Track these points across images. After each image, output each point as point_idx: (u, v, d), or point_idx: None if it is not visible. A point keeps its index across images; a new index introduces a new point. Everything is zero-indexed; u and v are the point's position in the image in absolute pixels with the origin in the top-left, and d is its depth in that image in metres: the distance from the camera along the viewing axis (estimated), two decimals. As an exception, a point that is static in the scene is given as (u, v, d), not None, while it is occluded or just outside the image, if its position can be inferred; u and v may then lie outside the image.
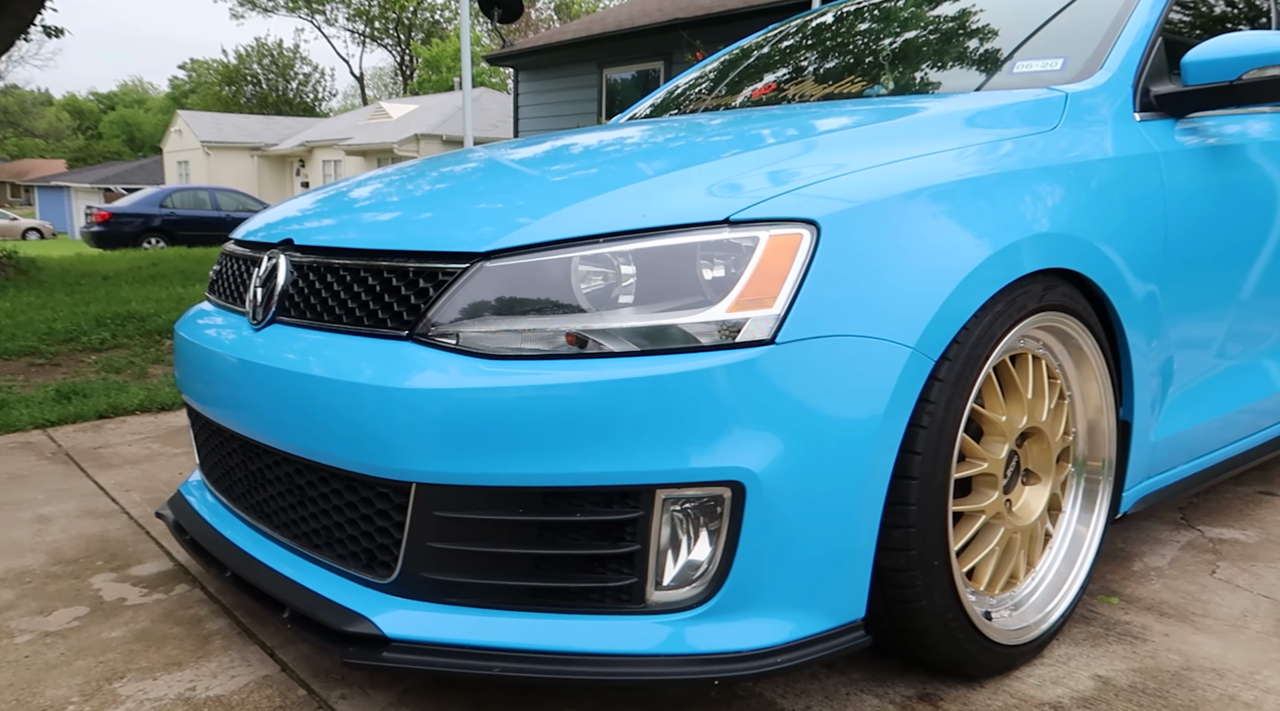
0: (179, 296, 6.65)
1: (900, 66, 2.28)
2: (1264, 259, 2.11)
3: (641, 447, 1.26)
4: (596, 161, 1.73)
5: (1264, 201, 2.08)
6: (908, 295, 1.36)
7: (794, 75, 2.58)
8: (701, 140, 1.77)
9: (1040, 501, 1.66)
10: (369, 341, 1.43)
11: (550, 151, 1.97)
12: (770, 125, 1.76)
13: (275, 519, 1.65)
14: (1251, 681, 1.56)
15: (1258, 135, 2.10)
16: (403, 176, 1.96)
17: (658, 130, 2.01)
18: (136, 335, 5.41)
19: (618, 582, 1.31)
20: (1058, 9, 2.18)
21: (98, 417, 3.74)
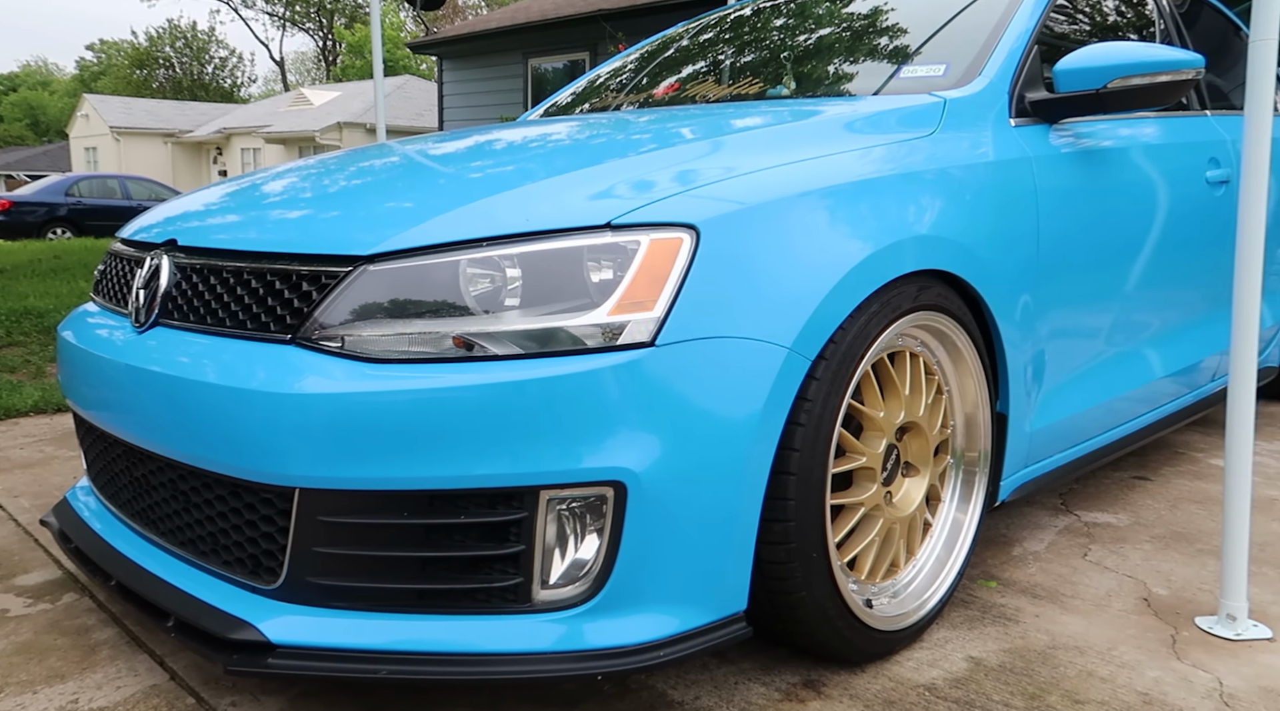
0: (81, 291, 6.41)
1: (797, 69, 2.33)
2: (1135, 255, 2.22)
3: (525, 450, 1.28)
4: (490, 162, 1.74)
5: (1131, 201, 2.19)
6: (785, 297, 1.40)
7: (698, 74, 2.61)
8: (594, 142, 1.79)
9: (919, 492, 1.73)
10: (251, 345, 1.42)
11: (449, 151, 1.97)
12: (661, 128, 1.79)
13: (161, 525, 1.62)
14: (1109, 656, 1.66)
15: (1125, 139, 2.21)
16: (296, 174, 1.94)
17: (555, 131, 2.03)
18: (34, 332, 5.21)
19: (504, 583, 1.33)
20: (944, 17, 2.25)
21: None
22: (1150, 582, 1.96)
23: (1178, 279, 2.43)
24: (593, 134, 1.90)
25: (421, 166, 1.82)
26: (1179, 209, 2.38)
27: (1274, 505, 2.43)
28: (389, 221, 1.43)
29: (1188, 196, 2.42)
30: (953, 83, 1.97)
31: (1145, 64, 1.91)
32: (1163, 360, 2.45)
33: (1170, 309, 2.43)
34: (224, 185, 2.08)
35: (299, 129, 22.59)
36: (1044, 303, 1.93)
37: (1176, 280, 2.42)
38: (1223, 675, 1.60)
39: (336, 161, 2.02)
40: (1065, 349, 2.04)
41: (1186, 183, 2.42)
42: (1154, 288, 2.33)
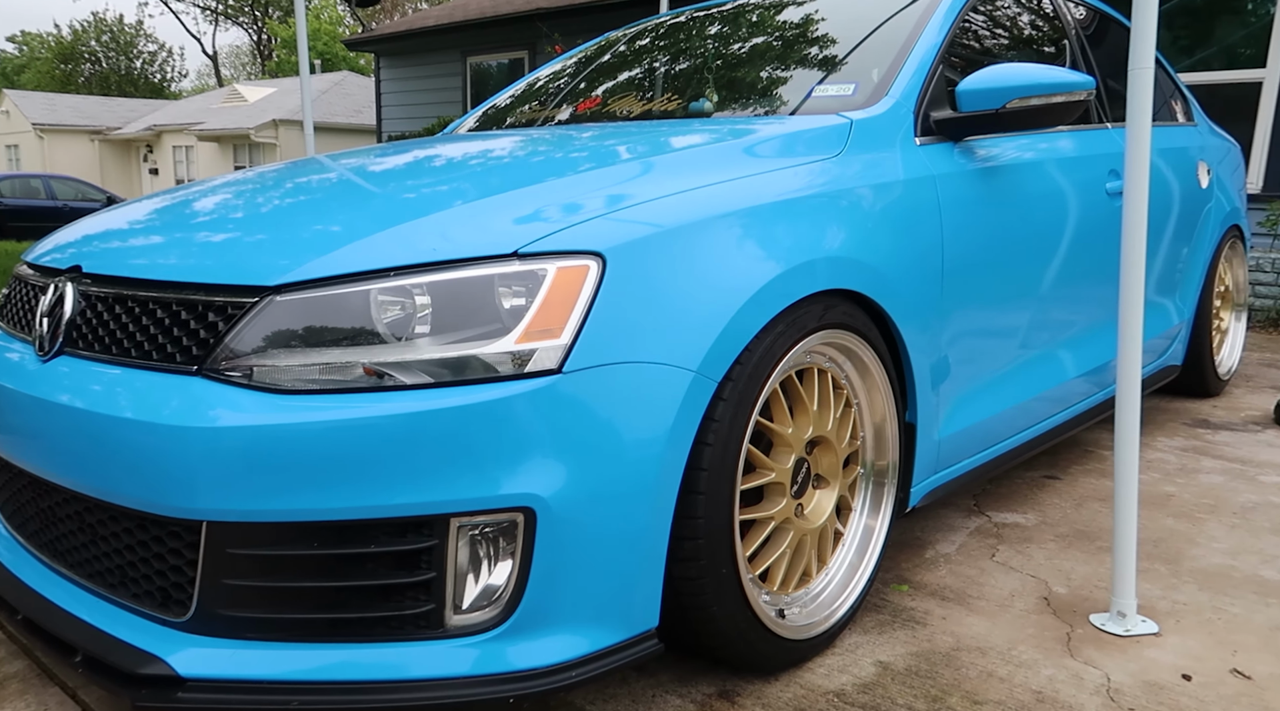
0: (0, 300, 6.20)
1: (716, 85, 2.37)
2: (1038, 267, 2.31)
3: (434, 479, 1.30)
4: (403, 186, 1.74)
5: (1033, 214, 2.28)
6: (691, 321, 1.44)
7: (621, 88, 2.64)
8: (508, 167, 1.80)
9: (829, 503, 1.79)
10: (157, 376, 1.41)
11: (363, 171, 1.97)
12: (573, 151, 1.82)
13: (69, 557, 1.60)
14: (1008, 656, 1.74)
15: (1027, 153, 2.30)
16: (203, 196, 1.92)
17: (473, 150, 2.04)
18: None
19: (416, 609, 1.34)
20: (857, 35, 2.32)
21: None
22: (1051, 581, 2.05)
23: (1081, 286, 2.53)
24: (508, 157, 1.92)
25: (332, 189, 1.82)
26: (1080, 220, 2.49)
27: (1170, 501, 2.55)
28: (296, 250, 1.43)
29: (1088, 207, 2.53)
30: (861, 102, 2.03)
31: (1040, 85, 1.99)
32: (1070, 363, 2.55)
33: (1075, 314, 2.53)
34: (133, 206, 2.05)
35: (233, 126, 22.08)
36: (949, 316, 2.00)
37: (1080, 287, 2.53)
38: (1111, 671, 1.68)
39: (249, 182, 2.00)
40: (972, 359, 2.11)
41: (1087, 194, 2.52)
42: (1058, 296, 2.42)
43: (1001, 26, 2.61)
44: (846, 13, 2.48)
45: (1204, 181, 3.36)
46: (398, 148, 2.35)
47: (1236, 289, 3.86)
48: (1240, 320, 3.91)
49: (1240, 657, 1.73)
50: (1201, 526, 2.37)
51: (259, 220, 1.65)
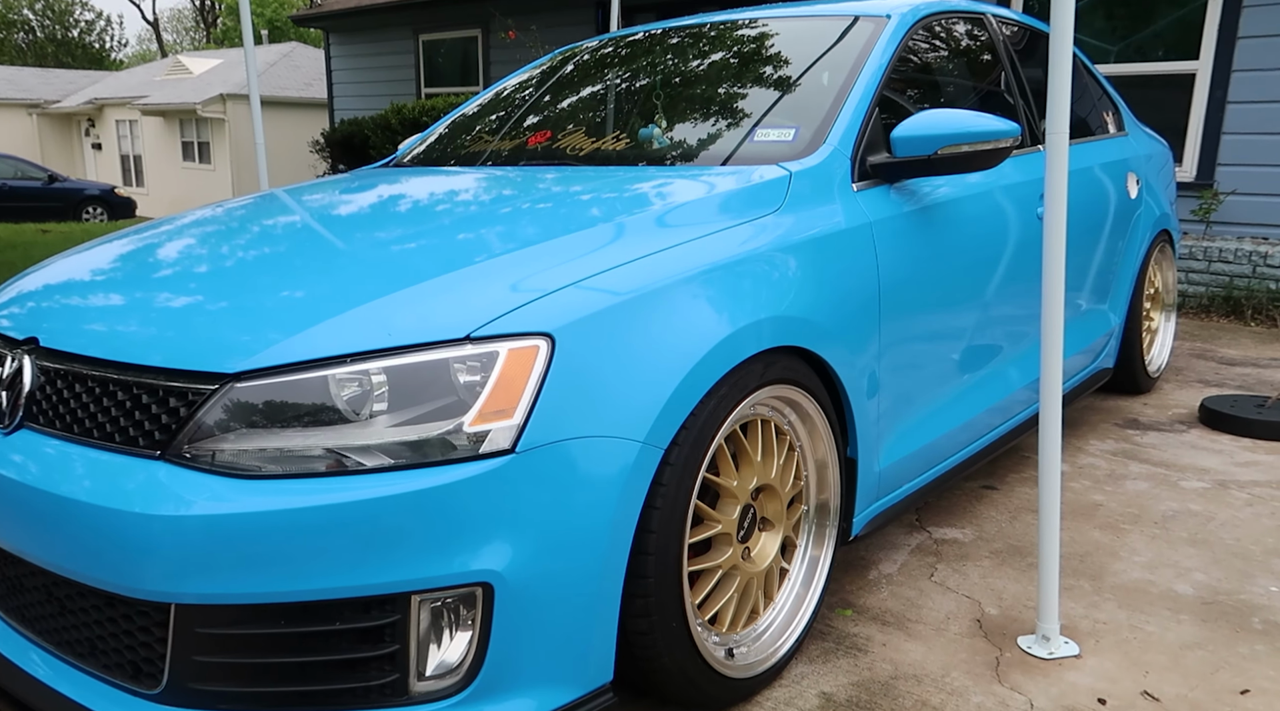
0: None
1: (662, 121, 2.43)
2: (973, 297, 2.42)
3: (395, 559, 1.36)
4: (358, 250, 1.77)
5: (967, 248, 2.38)
6: (636, 392, 1.52)
7: (568, 119, 2.69)
8: (455, 228, 1.83)
9: (775, 545, 1.88)
10: (121, 459, 1.46)
11: (318, 229, 1.99)
12: (520, 216, 1.86)
13: (37, 625, 1.65)
14: (942, 684, 1.86)
15: (961, 189, 2.40)
16: (155, 250, 1.95)
17: (420, 202, 2.08)
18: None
19: (381, 680, 1.42)
20: (799, 70, 2.38)
21: None
22: (984, 602, 2.18)
23: (1016, 308, 2.65)
24: (457, 217, 1.94)
25: (288, 251, 1.85)
26: (1015, 245, 2.59)
27: (1097, 512, 2.69)
28: (254, 334, 1.47)
29: (1021, 232, 2.63)
30: (801, 148, 2.10)
31: (969, 134, 2.08)
32: (1009, 378, 2.67)
33: (1010, 336, 2.65)
34: (89, 257, 2.06)
35: (178, 101, 21.48)
36: (887, 354, 2.10)
37: (1015, 310, 2.64)
38: (1034, 696, 1.82)
39: (202, 235, 2.02)
40: (910, 390, 2.22)
41: (1019, 220, 2.63)
42: (994, 319, 2.54)
43: (937, 55, 2.70)
44: (790, 44, 2.54)
45: (1133, 192, 3.50)
46: (354, 188, 2.38)
47: (1166, 290, 4.02)
48: (1170, 320, 4.08)
49: (1151, 679, 1.87)
50: (1124, 538, 2.51)
51: (209, 292, 1.66)
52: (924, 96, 2.55)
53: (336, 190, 2.40)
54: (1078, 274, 3.09)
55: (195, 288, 1.69)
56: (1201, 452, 3.18)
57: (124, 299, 1.72)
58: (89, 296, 1.78)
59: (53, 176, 19.07)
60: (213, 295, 1.63)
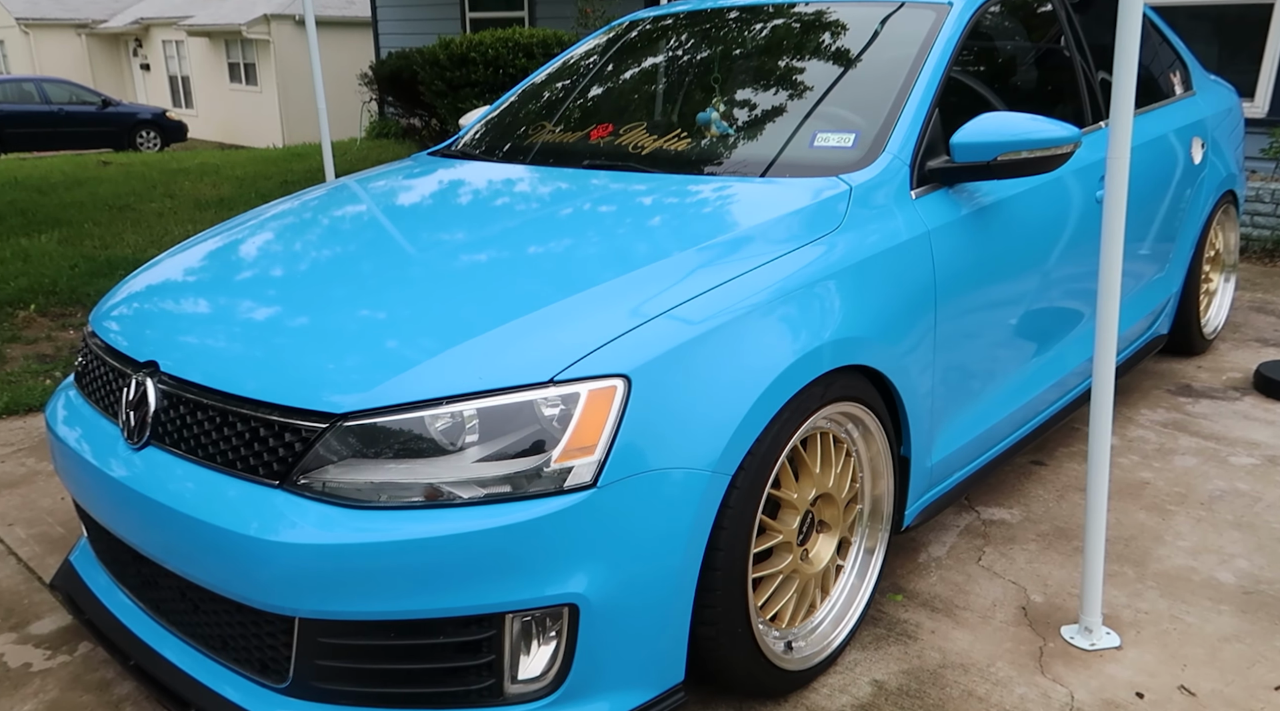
0: (24, 252, 6.35)
1: (720, 107, 2.47)
2: (1029, 289, 2.47)
3: (489, 584, 1.52)
4: (441, 277, 1.86)
5: (1022, 244, 2.42)
6: (705, 426, 1.63)
7: (631, 105, 2.73)
8: (535, 259, 1.88)
9: (832, 546, 2.01)
10: (242, 485, 1.62)
11: (401, 244, 2.07)
12: (592, 237, 1.94)
13: (170, 617, 1.85)
14: (987, 674, 2.00)
15: (1016, 189, 2.41)
16: (255, 263, 2.08)
17: (497, 226, 2.14)
18: (-16, 309, 5.22)
19: (479, 685, 1.59)
20: (860, 70, 2.39)
21: (-39, 425, 3.72)
22: (1030, 588, 2.30)
23: (1073, 292, 2.68)
24: (534, 237, 1.99)
25: (379, 271, 1.94)
26: (1073, 231, 2.62)
27: (1144, 490, 2.77)
28: (359, 373, 1.60)
29: (1081, 216, 2.65)
30: (861, 155, 2.14)
31: (1030, 142, 2.10)
32: (1062, 362, 2.73)
33: (1066, 319, 2.70)
34: (184, 264, 2.20)
35: (223, 21, 21.44)
36: (942, 358, 2.17)
37: (1071, 294, 2.68)
38: (1075, 688, 1.95)
39: (291, 245, 2.15)
40: (964, 388, 2.30)
41: (1080, 203, 2.65)
42: (1048, 309, 2.58)
43: (999, 39, 2.67)
44: (850, 33, 2.54)
45: (1198, 157, 3.44)
46: (430, 190, 2.48)
47: (1227, 251, 3.98)
48: (1229, 280, 4.04)
49: (1188, 673, 1.98)
50: (1170, 521, 2.60)
51: (317, 322, 1.75)
52: (985, 84, 2.54)
53: (413, 191, 2.50)
54: (1135, 246, 3.09)
55: (298, 316, 1.81)
56: (1254, 424, 3.22)
57: (234, 325, 1.84)
58: (200, 319, 1.90)
59: (106, 101, 19.28)
60: (315, 325, 1.76)
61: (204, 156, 12.97)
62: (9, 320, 5.08)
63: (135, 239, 6.87)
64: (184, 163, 11.84)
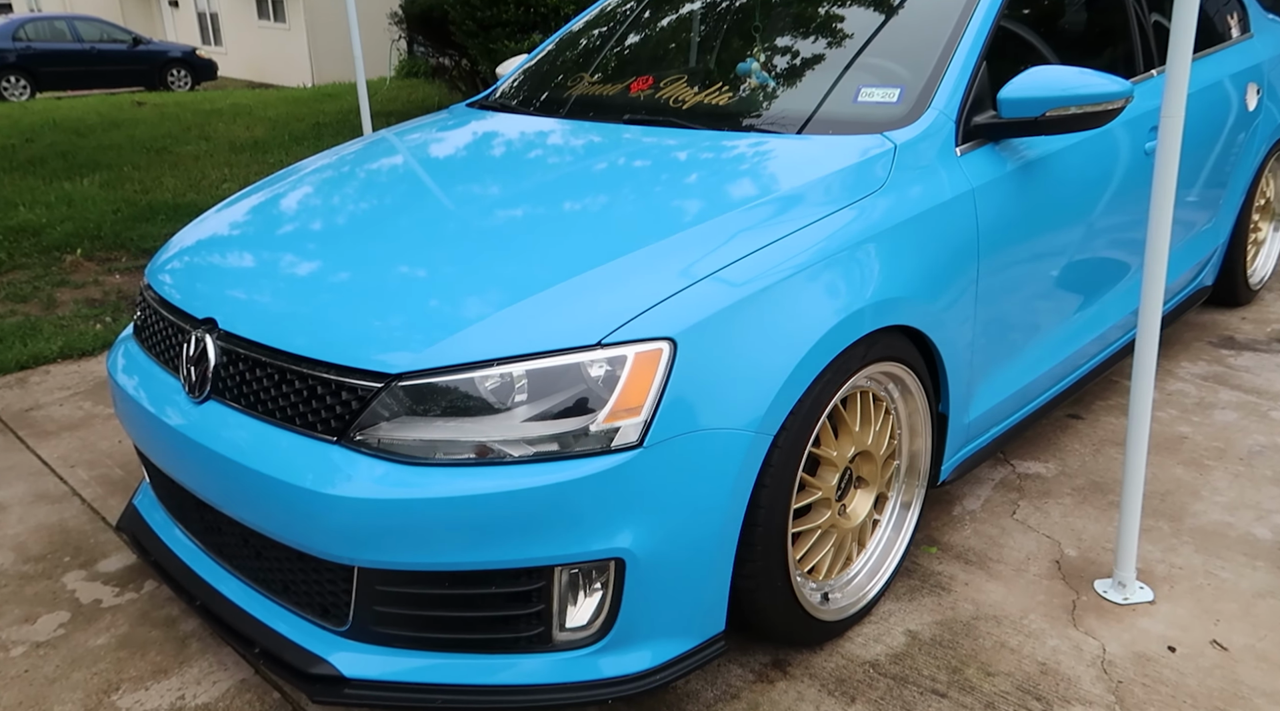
0: (68, 197, 6.45)
1: (760, 58, 2.44)
2: (1072, 245, 2.45)
3: (538, 539, 1.58)
4: (487, 236, 1.89)
5: (1066, 200, 2.39)
6: (748, 388, 1.66)
7: (670, 55, 2.71)
8: (577, 218, 1.91)
9: (869, 501, 2.05)
10: (300, 440, 1.68)
11: (444, 203, 2.10)
12: (636, 197, 1.95)
13: (233, 561, 1.94)
14: (1020, 626, 2.05)
15: (1062, 142, 2.38)
16: (302, 220, 2.12)
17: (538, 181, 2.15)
18: (34, 253, 5.34)
19: (529, 632, 1.67)
20: (904, 22, 2.35)
21: (19, 369, 3.84)
22: (1064, 542, 2.33)
23: (1117, 245, 2.66)
24: (576, 196, 2.01)
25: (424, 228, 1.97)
26: (1119, 183, 2.58)
27: (1182, 445, 2.78)
28: (412, 334, 1.64)
29: (1129, 167, 2.61)
30: (906, 111, 2.12)
31: (1079, 97, 2.06)
32: (1104, 316, 2.72)
33: (1110, 273, 2.68)
34: (234, 219, 2.25)
35: (250, -44, 21.23)
36: (983, 316, 2.18)
37: (1116, 247, 2.65)
38: (1107, 642, 1.99)
39: (335, 201, 2.18)
40: (1004, 346, 2.30)
41: (1128, 155, 2.60)
42: (1092, 263, 2.56)
43: None
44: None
45: (1252, 103, 3.35)
46: (470, 144, 2.50)
47: (1278, 199, 3.89)
48: (1279, 230, 3.96)
49: (1221, 628, 2.02)
50: (1208, 476, 2.61)
51: (368, 280, 1.80)
52: (1033, 32, 2.49)
53: (457, 147, 2.51)
54: (1184, 195, 3.04)
55: (349, 274, 1.84)
56: (1296, 377, 3.19)
57: (288, 283, 1.88)
58: (255, 277, 1.95)
59: (137, 39, 19.24)
60: (367, 284, 1.80)
61: (235, 97, 12.99)
62: (57, 265, 5.20)
63: (174, 183, 6.95)
64: (216, 103, 11.87)
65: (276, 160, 7.79)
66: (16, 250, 5.37)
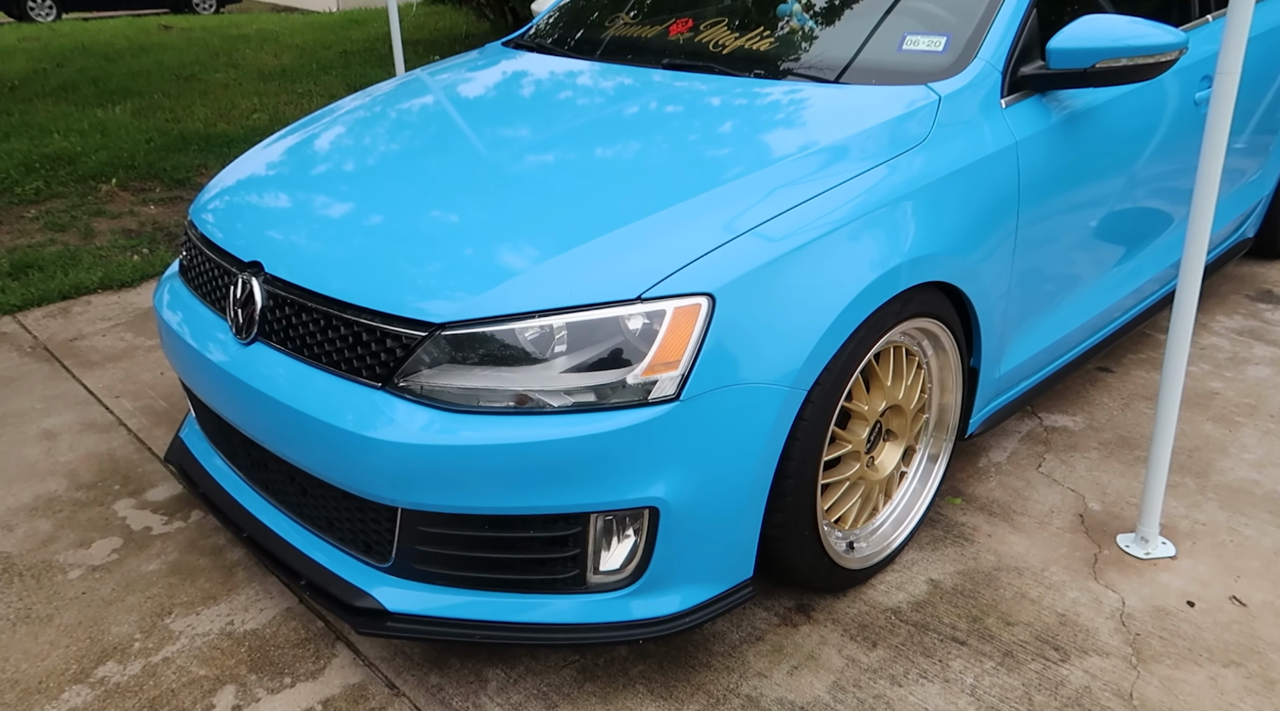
0: (100, 124, 6.47)
1: (806, 16, 2.40)
2: (1113, 199, 2.42)
3: (576, 487, 1.63)
4: (526, 183, 1.91)
5: (1110, 153, 2.35)
6: (784, 344, 1.68)
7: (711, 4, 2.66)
8: (616, 167, 1.92)
9: (898, 454, 2.08)
10: (348, 385, 1.73)
11: (480, 150, 2.10)
12: (675, 149, 1.94)
13: (279, 498, 2.01)
14: (1041, 578, 2.09)
15: (1110, 93, 2.33)
16: (343, 162, 2.13)
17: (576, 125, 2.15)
18: (70, 181, 5.39)
19: (565, 575, 1.73)
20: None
21: (61, 299, 3.93)
22: (1088, 496, 2.36)
23: (1160, 197, 2.62)
24: (614, 143, 2.02)
25: (462, 172, 1.99)
26: (1165, 134, 2.53)
27: (1213, 401, 2.77)
28: (456, 285, 1.67)
29: (1175, 118, 2.56)
30: (951, 61, 2.09)
31: (1132, 48, 2.02)
32: (1141, 270, 2.70)
33: (1151, 226, 2.65)
34: (274, 159, 2.27)
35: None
36: (1020, 270, 2.17)
37: (1159, 199, 2.62)
38: (1127, 595, 2.03)
39: (373, 143, 2.19)
40: (1039, 301, 2.30)
41: (1176, 106, 2.55)
42: (1133, 216, 2.54)
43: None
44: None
45: (1309, 51, 3.24)
46: (507, 86, 2.48)
47: (1328, 150, 3.79)
48: (1327, 181, 3.87)
49: (1241, 584, 2.05)
50: (1237, 433, 2.61)
51: (409, 227, 1.82)
52: None
53: (489, 87, 2.50)
54: (1231, 145, 2.98)
55: (394, 221, 1.86)
56: (1333, 334, 3.16)
57: (334, 229, 1.89)
58: (301, 222, 1.97)
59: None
60: (411, 231, 1.81)
61: (262, 21, 12.84)
62: (93, 194, 5.25)
63: (204, 112, 6.94)
64: (243, 28, 11.74)
65: (305, 89, 7.74)
66: (54, 178, 5.43)
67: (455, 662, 1.92)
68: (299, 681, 1.90)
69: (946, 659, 1.87)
